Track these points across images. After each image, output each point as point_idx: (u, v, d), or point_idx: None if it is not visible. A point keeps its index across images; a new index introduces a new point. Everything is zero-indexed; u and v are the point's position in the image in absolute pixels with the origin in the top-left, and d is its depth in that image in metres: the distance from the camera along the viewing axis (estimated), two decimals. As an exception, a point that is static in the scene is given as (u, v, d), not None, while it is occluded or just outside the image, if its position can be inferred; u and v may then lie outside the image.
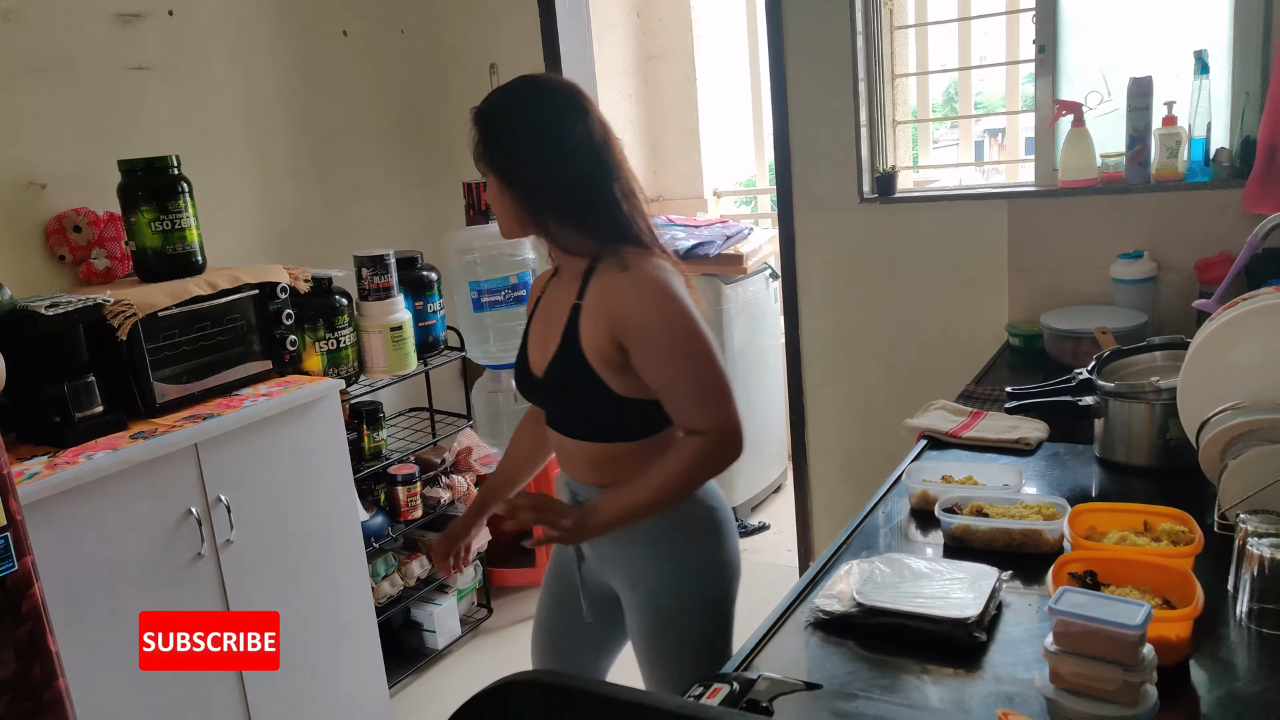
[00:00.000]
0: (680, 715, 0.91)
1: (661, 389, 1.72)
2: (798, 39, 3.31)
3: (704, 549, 1.84)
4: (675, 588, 1.82)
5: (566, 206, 1.76)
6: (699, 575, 1.84)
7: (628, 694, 0.93)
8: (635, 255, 1.74)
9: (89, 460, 2.24)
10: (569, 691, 0.99)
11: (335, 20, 3.48)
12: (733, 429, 1.71)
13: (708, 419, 1.71)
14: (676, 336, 1.70)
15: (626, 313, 1.69)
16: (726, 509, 1.91)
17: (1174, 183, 2.76)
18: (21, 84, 2.60)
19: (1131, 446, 1.94)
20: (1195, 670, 1.29)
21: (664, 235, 1.90)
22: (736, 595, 1.90)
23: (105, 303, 2.41)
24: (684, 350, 1.71)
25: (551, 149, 1.77)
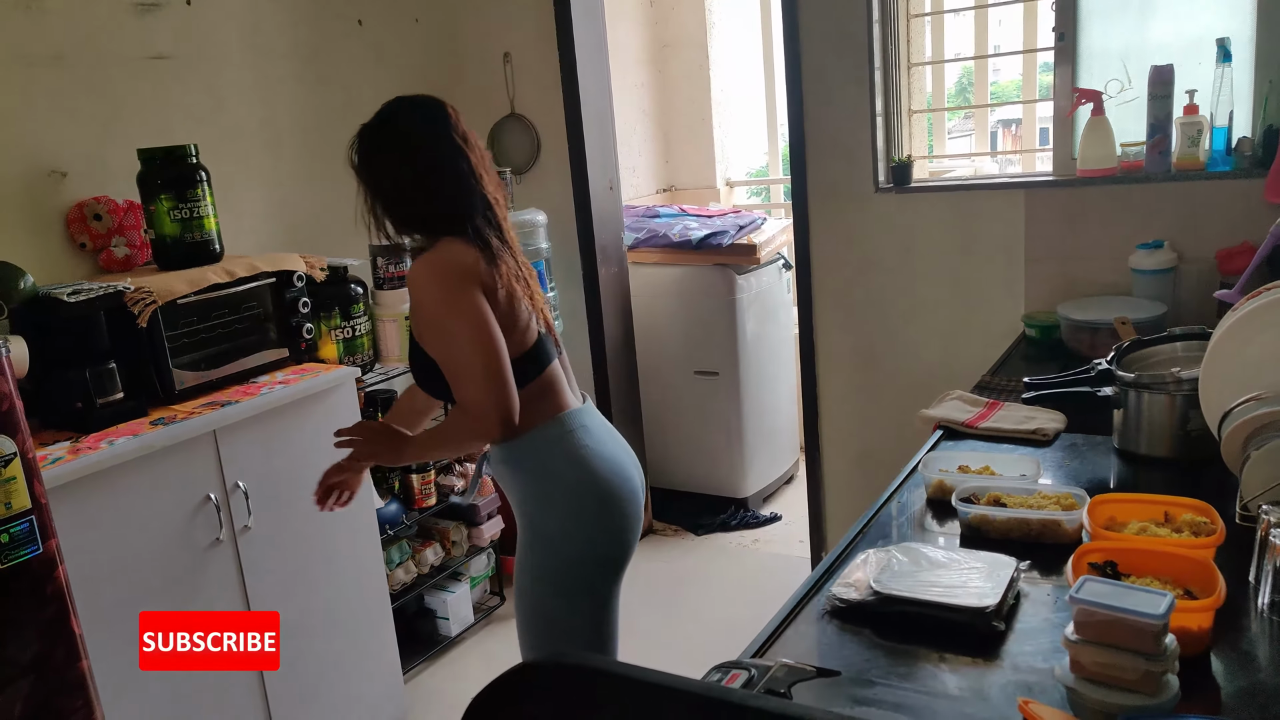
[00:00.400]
0: (703, 698, 0.92)
1: (437, 362, 1.96)
2: (813, 27, 3.30)
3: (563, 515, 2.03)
4: (530, 540, 2.06)
5: (413, 210, 2.02)
6: (554, 540, 2.04)
7: (650, 675, 0.93)
8: (439, 244, 1.96)
9: (110, 446, 2.26)
10: (590, 672, 0.99)
11: (350, 9, 3.48)
12: (478, 408, 1.90)
13: (461, 394, 1.93)
14: (437, 317, 1.92)
15: (410, 295, 1.97)
16: (604, 486, 2.03)
17: (1195, 172, 2.75)
18: (42, 73, 2.61)
19: (1152, 437, 1.93)
20: (1216, 661, 1.29)
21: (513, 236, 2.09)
22: (600, 575, 2.08)
23: (126, 290, 2.43)
24: (442, 330, 1.92)
25: (402, 163, 2.01)
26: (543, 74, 3.83)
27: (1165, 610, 1.14)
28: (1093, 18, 2.93)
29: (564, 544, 2.04)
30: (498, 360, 1.89)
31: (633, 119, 4.89)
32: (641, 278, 4.32)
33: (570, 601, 2.07)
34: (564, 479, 2.02)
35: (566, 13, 3.72)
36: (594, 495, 2.02)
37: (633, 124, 4.89)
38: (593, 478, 2.02)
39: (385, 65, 3.63)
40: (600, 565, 2.07)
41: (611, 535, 2.07)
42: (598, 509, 2.03)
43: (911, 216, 3.28)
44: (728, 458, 4.41)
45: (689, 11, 5.03)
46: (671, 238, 4.22)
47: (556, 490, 2.03)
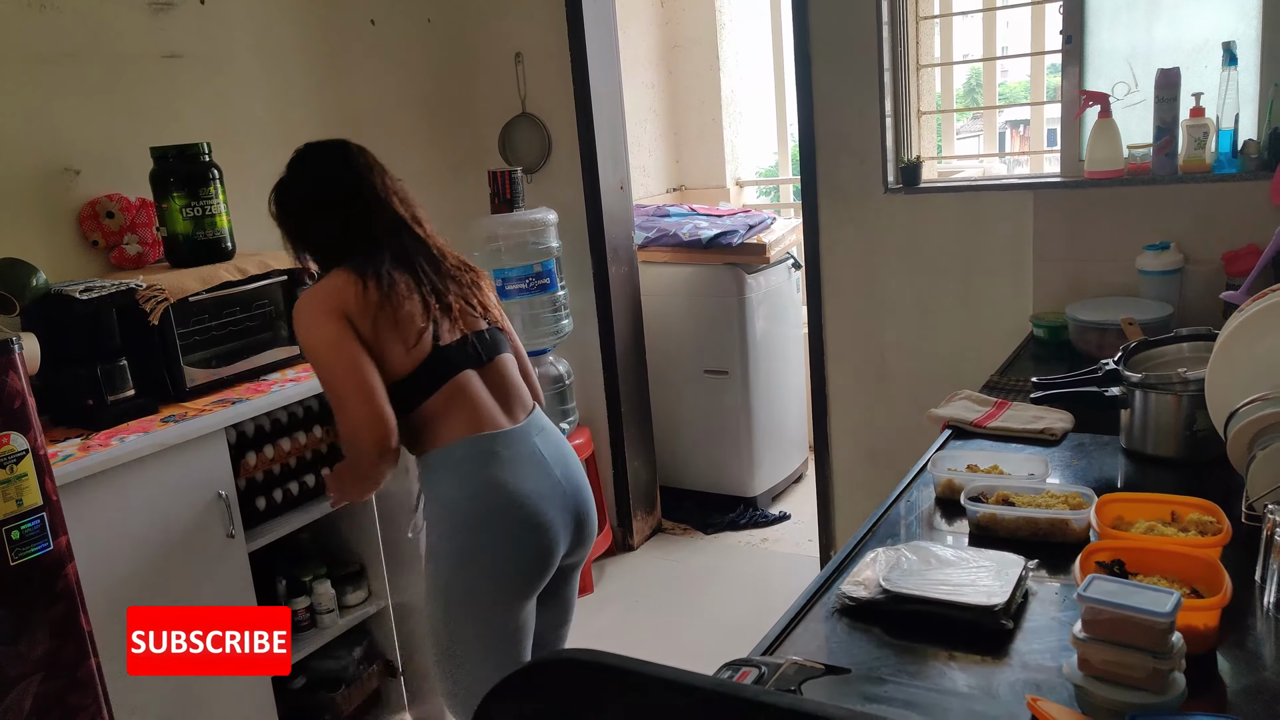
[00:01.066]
0: (715, 694, 0.93)
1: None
2: (823, 28, 3.30)
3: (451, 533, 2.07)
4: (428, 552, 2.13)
5: (306, 245, 2.17)
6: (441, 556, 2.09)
7: (661, 671, 0.94)
8: (323, 278, 2.07)
9: (121, 443, 2.27)
10: (602, 669, 1.00)
11: (363, 9, 3.50)
12: (348, 436, 2.00)
13: (337, 423, 2.04)
14: (305, 348, 2.04)
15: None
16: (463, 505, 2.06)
17: (1201, 174, 2.75)
18: (56, 71, 2.63)
19: (1158, 437, 1.93)
20: (1223, 660, 1.30)
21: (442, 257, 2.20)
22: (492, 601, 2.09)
23: (138, 287, 2.44)
24: (312, 361, 2.05)
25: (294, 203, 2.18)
26: (554, 74, 3.84)
27: (1172, 608, 1.15)
28: (1100, 20, 2.93)
29: (452, 563, 2.07)
30: (359, 389, 1.97)
31: (643, 118, 4.90)
32: (651, 277, 4.33)
33: (457, 619, 2.09)
34: (455, 500, 2.06)
35: (578, 13, 3.73)
36: (485, 521, 2.05)
37: (643, 123, 4.90)
38: (486, 504, 2.05)
39: (397, 65, 3.64)
40: (493, 592, 2.08)
41: (507, 564, 2.07)
42: (492, 535, 2.05)
43: (920, 217, 3.29)
44: (737, 456, 4.42)
45: (699, 12, 5.04)
46: (681, 237, 4.23)
47: (447, 509, 2.07)
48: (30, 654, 1.85)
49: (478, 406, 2.08)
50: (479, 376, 2.11)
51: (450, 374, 2.06)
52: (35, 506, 1.83)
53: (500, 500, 2.05)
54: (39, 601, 1.86)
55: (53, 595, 1.88)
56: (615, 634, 3.59)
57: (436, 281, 2.12)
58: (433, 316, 2.07)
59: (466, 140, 3.99)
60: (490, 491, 2.04)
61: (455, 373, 2.07)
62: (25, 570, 1.83)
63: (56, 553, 1.88)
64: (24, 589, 1.83)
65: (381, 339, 2.00)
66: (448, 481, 2.06)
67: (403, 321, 2.02)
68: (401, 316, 2.02)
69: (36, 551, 1.84)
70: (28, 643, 1.85)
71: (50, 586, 1.88)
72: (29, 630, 1.85)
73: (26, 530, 1.82)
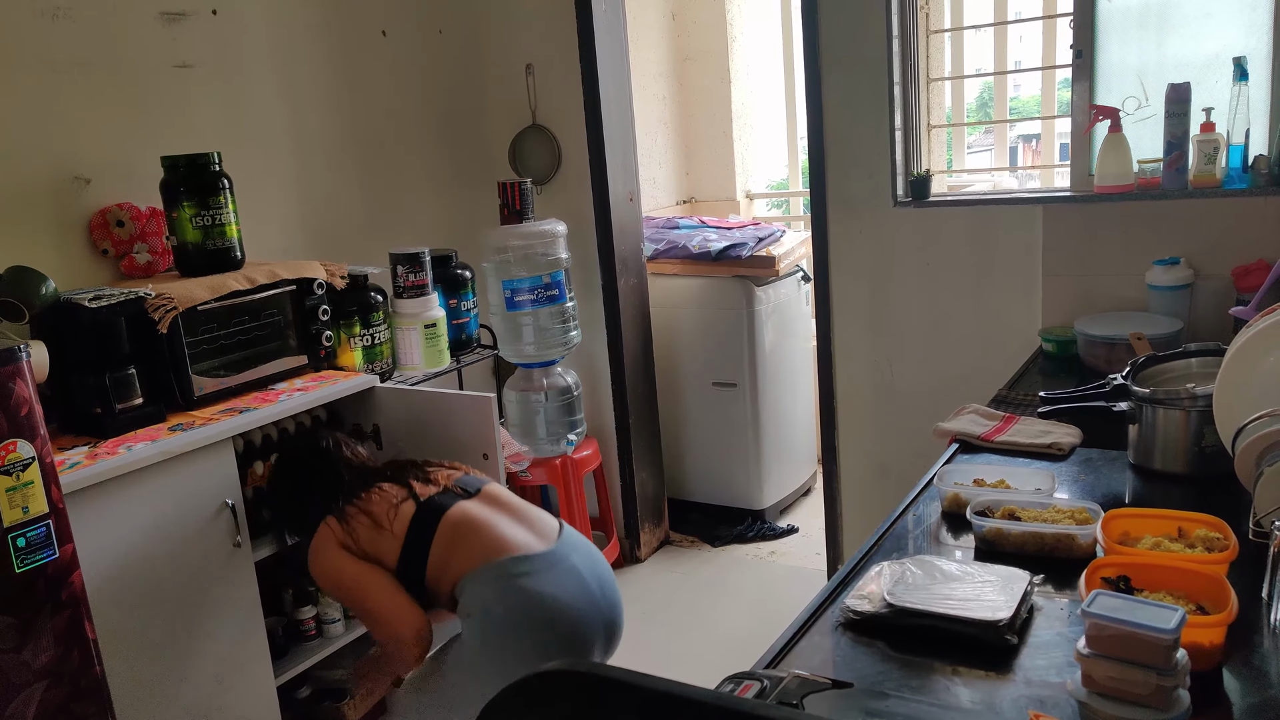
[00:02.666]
0: (716, 707, 0.92)
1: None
2: (833, 42, 3.31)
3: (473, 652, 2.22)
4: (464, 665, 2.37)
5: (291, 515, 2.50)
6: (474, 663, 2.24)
7: (661, 685, 0.93)
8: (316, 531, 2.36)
9: (129, 451, 2.28)
10: (602, 682, 1.00)
11: (374, 21, 3.52)
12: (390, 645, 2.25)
13: (376, 633, 2.29)
14: (327, 588, 2.36)
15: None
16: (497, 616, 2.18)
17: (1212, 189, 2.74)
18: (68, 80, 2.65)
19: (1166, 453, 1.92)
20: (1228, 677, 1.29)
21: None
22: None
23: (147, 296, 2.45)
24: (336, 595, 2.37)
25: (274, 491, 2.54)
26: (564, 86, 3.86)
27: (1177, 625, 1.14)
28: (1110, 35, 2.93)
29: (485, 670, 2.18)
30: (379, 602, 2.22)
31: (654, 130, 4.91)
32: (660, 288, 4.33)
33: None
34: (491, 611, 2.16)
35: (589, 26, 3.75)
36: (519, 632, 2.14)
37: (654, 135, 4.91)
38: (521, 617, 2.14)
39: (408, 76, 3.66)
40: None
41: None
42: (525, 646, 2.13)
43: (930, 230, 3.29)
44: (745, 469, 4.41)
45: (710, 25, 5.05)
46: (691, 249, 4.23)
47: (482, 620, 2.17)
48: (35, 662, 1.86)
49: (488, 531, 2.19)
50: (475, 503, 2.25)
51: (439, 516, 2.22)
52: (41, 514, 1.83)
53: (536, 616, 2.12)
54: (44, 609, 1.87)
55: (58, 603, 1.89)
56: (621, 646, 3.57)
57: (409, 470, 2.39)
58: (409, 489, 2.30)
59: (477, 151, 4.00)
60: (525, 606, 2.12)
61: (444, 511, 2.22)
62: (30, 578, 1.83)
63: (62, 560, 1.88)
64: (29, 596, 1.84)
65: (375, 541, 2.25)
66: (482, 598, 2.15)
67: (380, 514, 2.26)
68: (378, 512, 2.26)
69: (42, 559, 1.85)
70: (32, 650, 1.85)
71: (55, 594, 1.88)
72: (34, 638, 1.85)
73: (32, 537, 1.82)
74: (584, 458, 3.87)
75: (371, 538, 2.26)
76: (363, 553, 2.27)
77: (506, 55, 3.94)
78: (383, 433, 2.88)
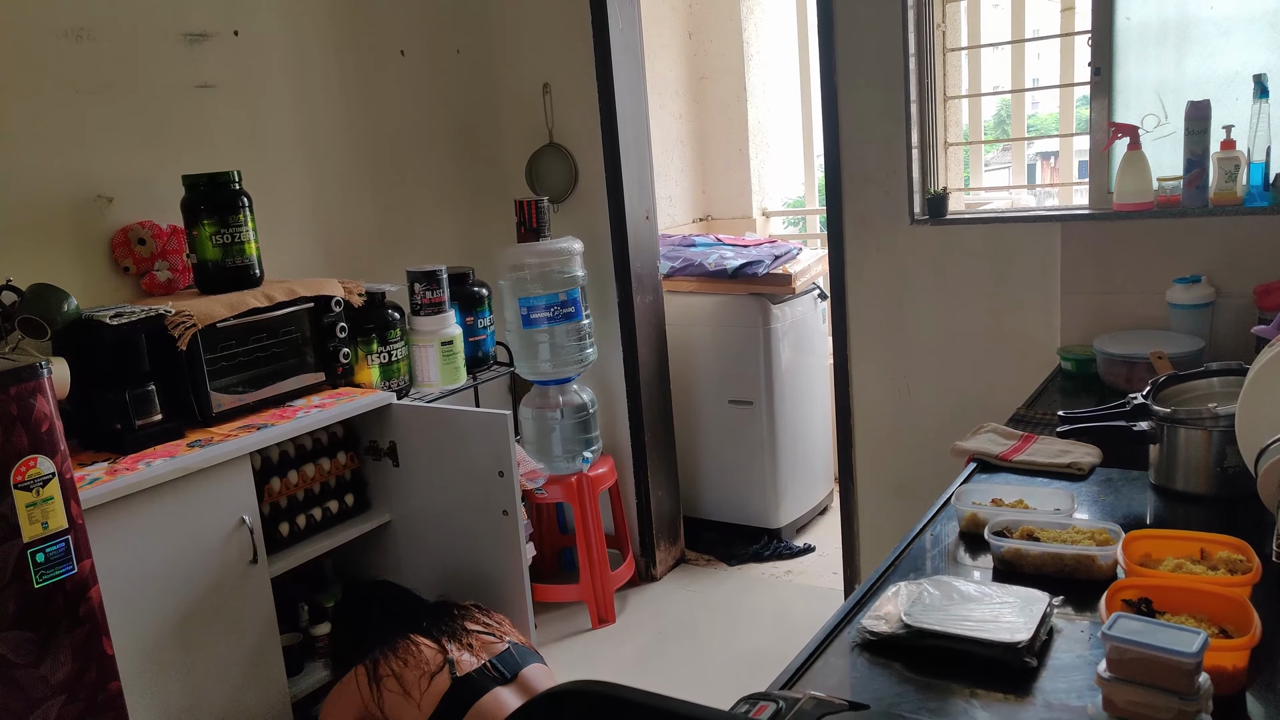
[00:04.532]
0: (730, 730, 0.92)
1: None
2: (849, 60, 3.31)
3: None
4: None
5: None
6: None
7: (675, 705, 0.93)
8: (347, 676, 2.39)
9: (148, 467, 2.29)
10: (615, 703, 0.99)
11: (393, 41, 3.54)
12: None
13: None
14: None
15: None
16: None
17: (1233, 207, 2.73)
18: (92, 100, 2.67)
19: (1188, 473, 1.91)
20: (1252, 702, 1.27)
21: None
22: None
23: (167, 313, 2.47)
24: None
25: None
26: (581, 104, 3.87)
27: (1199, 649, 1.13)
28: (1129, 53, 2.92)
29: None
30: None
31: (670, 149, 4.92)
32: (677, 306, 4.33)
33: None
34: None
35: (605, 45, 3.76)
36: None
37: (670, 154, 4.92)
38: None
39: (426, 95, 3.68)
40: None
41: None
42: None
43: (947, 248, 3.28)
44: (761, 488, 4.40)
45: (727, 44, 5.07)
46: (707, 266, 4.23)
47: None
48: (53, 677, 1.86)
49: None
50: (510, 693, 2.19)
51: (472, 700, 2.17)
52: (60, 529, 1.84)
53: None
54: (62, 624, 1.87)
55: (76, 618, 1.89)
56: (636, 665, 3.57)
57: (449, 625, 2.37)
58: (447, 656, 2.27)
59: (494, 169, 4.02)
60: None
61: (478, 696, 2.17)
62: (49, 593, 1.84)
63: (80, 576, 1.89)
64: (47, 612, 1.84)
65: (398, 709, 2.21)
66: None
67: (410, 683, 2.23)
68: (409, 679, 2.24)
69: (61, 574, 1.85)
70: (50, 665, 1.85)
71: (74, 610, 1.89)
72: (52, 653, 1.86)
73: (51, 553, 1.83)
74: (599, 475, 3.87)
75: (396, 705, 2.24)
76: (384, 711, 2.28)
77: (523, 74, 3.96)
78: (399, 450, 2.88)
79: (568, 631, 3.80)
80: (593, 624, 3.83)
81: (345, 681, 2.31)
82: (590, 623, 3.84)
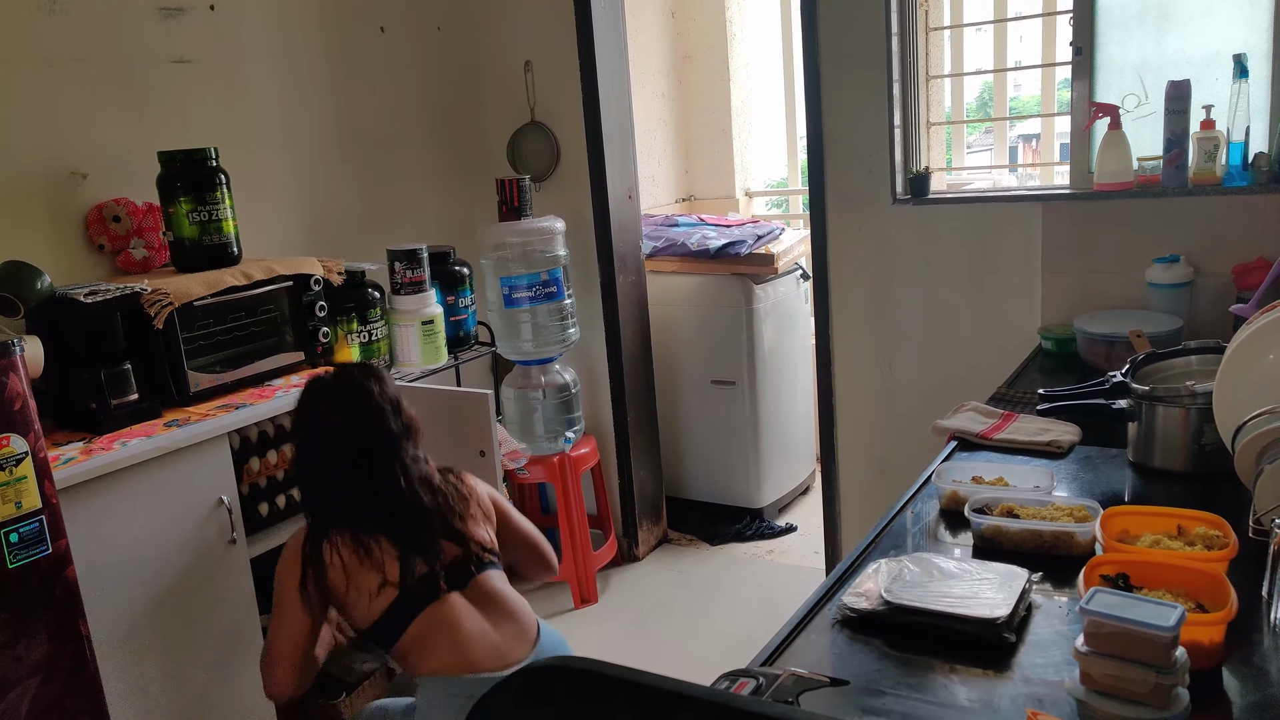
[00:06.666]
0: (710, 704, 0.91)
1: None
2: (832, 39, 3.30)
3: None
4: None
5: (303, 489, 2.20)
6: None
7: (655, 681, 0.93)
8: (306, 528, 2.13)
9: (124, 447, 2.27)
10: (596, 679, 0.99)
11: (372, 16, 3.51)
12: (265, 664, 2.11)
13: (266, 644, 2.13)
14: (275, 586, 2.09)
15: None
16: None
17: (1212, 187, 2.73)
18: (65, 75, 2.64)
19: (1166, 451, 1.92)
20: (1228, 676, 1.28)
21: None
22: None
23: (143, 292, 2.45)
24: (275, 598, 2.09)
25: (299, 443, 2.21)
26: (563, 82, 3.85)
27: (1175, 623, 1.13)
28: (1110, 32, 2.92)
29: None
30: (279, 644, 2.07)
31: (653, 128, 4.90)
32: (659, 286, 4.32)
33: None
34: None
35: (588, 22, 3.74)
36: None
37: (653, 133, 4.90)
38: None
39: (407, 72, 3.65)
40: None
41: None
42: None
43: (929, 228, 3.28)
44: (744, 468, 4.41)
45: (710, 23, 5.04)
46: (690, 247, 4.22)
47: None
48: (28, 657, 1.85)
49: (463, 636, 2.05)
50: (462, 599, 2.09)
51: (421, 607, 2.06)
52: (34, 509, 1.83)
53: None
54: (37, 605, 1.86)
55: (51, 599, 1.88)
56: (619, 644, 3.57)
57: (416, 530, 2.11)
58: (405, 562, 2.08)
59: (475, 148, 3.99)
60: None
61: (427, 604, 2.06)
62: (23, 573, 1.82)
63: (55, 556, 1.88)
64: (22, 592, 1.83)
65: (349, 595, 2.06)
66: (441, 713, 2.04)
67: (368, 579, 2.06)
68: (367, 575, 2.06)
69: (35, 555, 1.84)
70: (25, 646, 1.84)
71: (49, 590, 1.87)
72: (27, 634, 1.85)
73: (25, 533, 1.81)
74: (582, 456, 3.86)
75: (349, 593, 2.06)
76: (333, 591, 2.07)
77: (505, 52, 3.93)
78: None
79: (550, 611, 3.80)
80: (575, 604, 3.84)
81: (289, 549, 2.10)
82: (573, 602, 3.84)
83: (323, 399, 2.14)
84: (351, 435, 2.10)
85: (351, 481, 2.10)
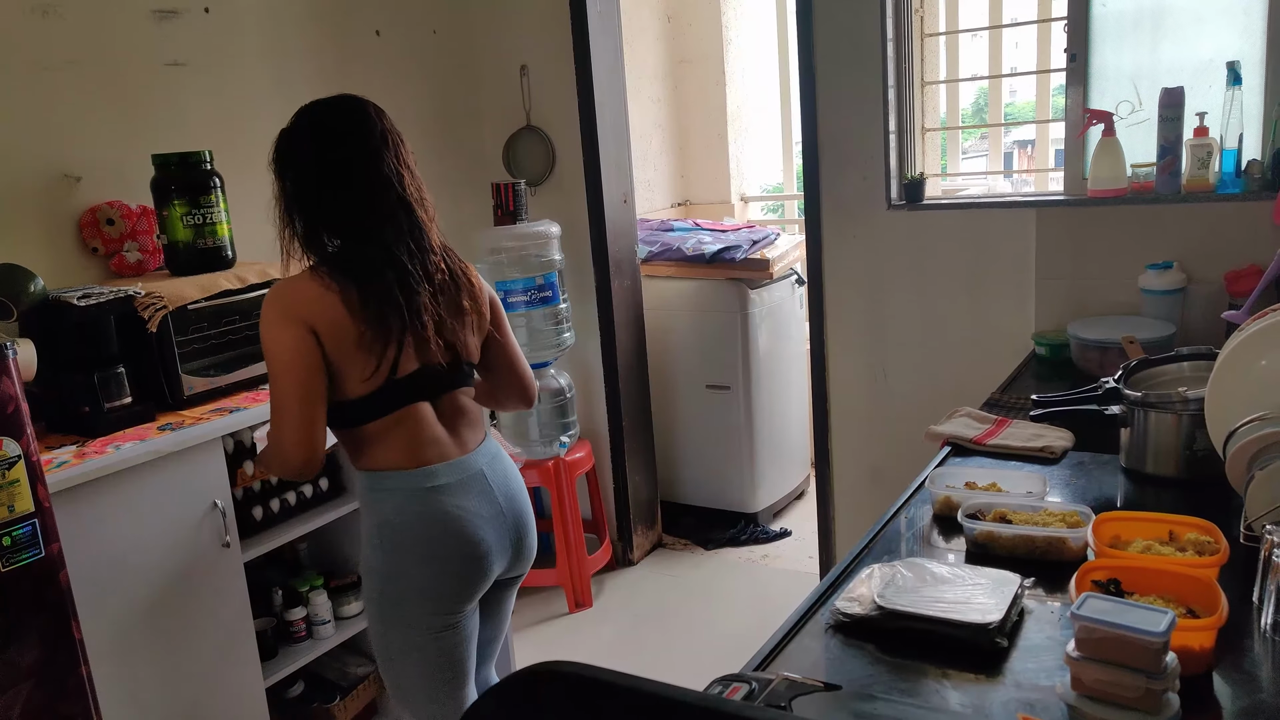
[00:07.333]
0: (703, 709, 0.92)
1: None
2: (828, 45, 3.31)
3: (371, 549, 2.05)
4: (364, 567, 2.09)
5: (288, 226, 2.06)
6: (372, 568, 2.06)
7: (647, 686, 0.93)
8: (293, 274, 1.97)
9: (117, 450, 2.27)
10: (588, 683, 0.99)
11: (368, 20, 3.51)
12: (275, 444, 1.92)
13: (272, 428, 1.93)
14: (265, 350, 1.91)
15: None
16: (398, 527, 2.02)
17: (1205, 194, 2.74)
18: (59, 78, 2.63)
19: (1158, 456, 1.92)
20: (1219, 681, 1.28)
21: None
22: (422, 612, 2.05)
23: (136, 295, 2.44)
24: (268, 365, 1.91)
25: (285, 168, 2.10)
26: (559, 87, 3.85)
27: (1166, 628, 1.13)
28: (1104, 39, 2.93)
29: (383, 576, 2.03)
30: (301, 411, 1.88)
31: (649, 133, 4.91)
32: (654, 291, 4.33)
33: (389, 627, 2.07)
34: (391, 522, 2.01)
35: (583, 27, 3.74)
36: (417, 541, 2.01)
37: (648, 138, 4.90)
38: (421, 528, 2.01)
39: (402, 76, 3.65)
40: (420, 603, 2.04)
41: (436, 580, 2.03)
42: (421, 554, 2.01)
43: (923, 234, 3.28)
44: (738, 472, 4.41)
45: (706, 28, 5.05)
46: (685, 251, 4.23)
47: (382, 529, 2.02)
48: (20, 662, 1.85)
49: (423, 437, 2.02)
50: (432, 407, 2.04)
51: (400, 404, 1.99)
52: (27, 513, 1.82)
53: (436, 524, 2.01)
54: (29, 609, 1.85)
55: (43, 603, 1.88)
56: (613, 648, 3.57)
57: (419, 301, 1.98)
58: (399, 344, 1.95)
59: (470, 152, 3.99)
60: (426, 517, 2.01)
61: (406, 403, 2.00)
62: (15, 577, 1.82)
63: (48, 560, 1.87)
64: (14, 596, 1.82)
65: (343, 363, 1.92)
66: (386, 505, 2.02)
67: (369, 352, 1.92)
68: (371, 347, 1.92)
69: (27, 558, 1.83)
70: (17, 650, 1.84)
71: (41, 594, 1.87)
72: (19, 638, 1.84)
73: (17, 536, 1.81)
74: (577, 460, 3.86)
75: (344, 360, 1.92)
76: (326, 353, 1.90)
77: (501, 56, 3.93)
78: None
79: (544, 615, 3.80)
80: (569, 608, 3.83)
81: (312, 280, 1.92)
82: (567, 607, 3.84)
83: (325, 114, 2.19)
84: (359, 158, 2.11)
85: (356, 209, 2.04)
